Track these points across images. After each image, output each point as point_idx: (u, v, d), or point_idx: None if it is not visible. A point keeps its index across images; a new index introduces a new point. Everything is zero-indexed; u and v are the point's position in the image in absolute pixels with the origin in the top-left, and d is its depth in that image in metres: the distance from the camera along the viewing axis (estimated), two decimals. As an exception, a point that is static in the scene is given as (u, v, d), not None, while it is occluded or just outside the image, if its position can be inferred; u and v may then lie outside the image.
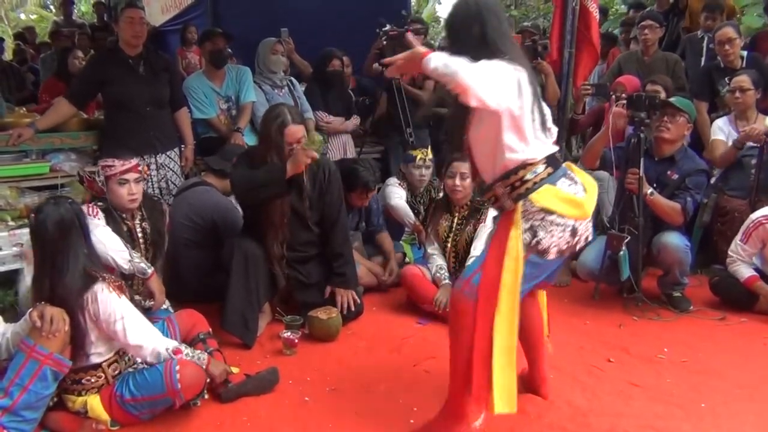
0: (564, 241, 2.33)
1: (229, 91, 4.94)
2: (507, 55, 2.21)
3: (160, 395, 2.56)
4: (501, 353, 2.29)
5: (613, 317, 3.82)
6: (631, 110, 3.83)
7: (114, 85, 4.12)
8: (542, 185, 2.29)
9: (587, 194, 2.38)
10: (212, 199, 3.94)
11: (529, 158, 2.29)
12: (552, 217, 2.29)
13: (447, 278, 3.87)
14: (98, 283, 2.51)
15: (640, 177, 3.72)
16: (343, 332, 3.54)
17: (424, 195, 4.73)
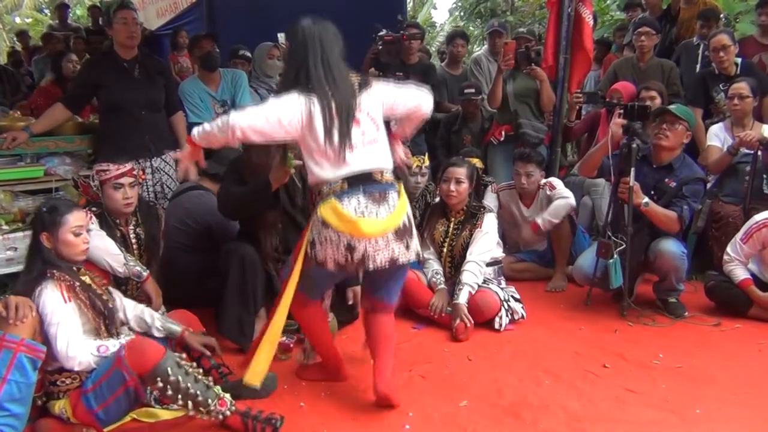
0: (340, 255, 2.59)
1: (225, 95, 4.94)
2: (311, 83, 2.56)
3: (109, 369, 2.47)
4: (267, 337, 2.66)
5: (608, 323, 3.82)
6: (625, 119, 3.84)
7: (109, 88, 4.11)
8: (329, 198, 2.57)
9: (385, 217, 2.62)
10: (207, 203, 3.93)
11: (324, 179, 2.60)
12: (327, 230, 2.57)
13: (443, 283, 3.87)
14: (47, 280, 2.50)
15: (630, 187, 3.72)
16: (338, 337, 3.52)
17: (419, 200, 4.72)
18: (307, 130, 2.58)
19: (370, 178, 2.65)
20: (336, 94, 2.58)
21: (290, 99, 2.56)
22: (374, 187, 2.65)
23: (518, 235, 4.88)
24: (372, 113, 2.69)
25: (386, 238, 2.64)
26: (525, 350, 3.49)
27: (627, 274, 3.78)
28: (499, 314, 3.75)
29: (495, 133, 5.40)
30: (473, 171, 3.96)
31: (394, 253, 2.65)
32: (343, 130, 2.57)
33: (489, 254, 3.84)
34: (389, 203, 2.66)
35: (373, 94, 2.72)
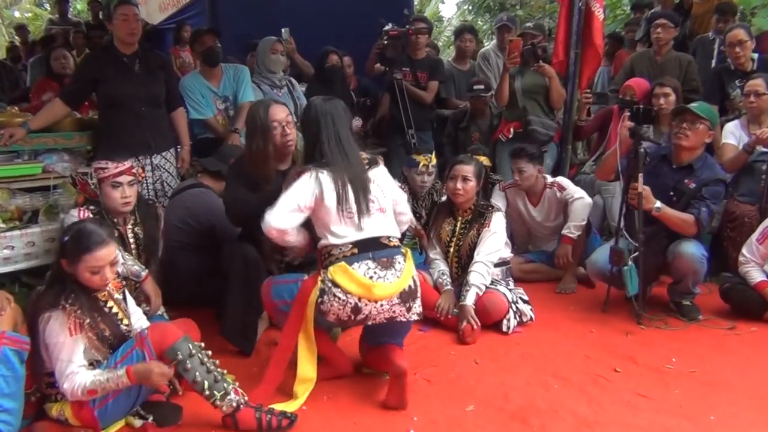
0: (344, 313, 2.79)
1: (227, 91, 4.93)
2: (326, 158, 2.87)
3: (129, 351, 2.57)
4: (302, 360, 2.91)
5: (619, 325, 3.80)
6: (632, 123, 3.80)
7: (108, 83, 4.10)
8: (339, 262, 2.79)
9: (393, 281, 2.82)
10: (209, 201, 3.92)
11: (336, 244, 2.82)
12: (336, 289, 2.76)
13: (449, 284, 3.85)
14: (57, 311, 2.51)
15: (639, 193, 3.68)
16: (342, 339, 3.52)
17: (426, 198, 4.71)
18: (320, 204, 2.83)
19: (379, 243, 2.88)
20: (349, 168, 2.87)
21: (302, 184, 2.84)
22: (382, 252, 2.86)
23: (527, 234, 4.86)
24: (381, 185, 2.98)
25: (391, 301, 2.83)
26: (533, 353, 3.47)
27: (642, 281, 3.74)
28: (507, 316, 3.73)
29: (503, 131, 5.39)
30: (481, 169, 3.94)
31: (395, 314, 2.87)
32: (359, 199, 2.85)
33: (497, 254, 3.83)
34: (396, 268, 2.86)
35: (382, 170, 3.05)
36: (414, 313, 2.93)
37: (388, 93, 5.85)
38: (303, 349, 2.90)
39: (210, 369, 2.60)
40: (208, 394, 2.58)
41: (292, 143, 3.36)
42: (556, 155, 5.35)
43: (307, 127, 3.00)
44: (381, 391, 3.00)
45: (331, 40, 5.83)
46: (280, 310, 3.00)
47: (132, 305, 2.87)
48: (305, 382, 2.92)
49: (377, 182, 2.98)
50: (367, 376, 3.19)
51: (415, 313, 2.94)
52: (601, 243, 4.65)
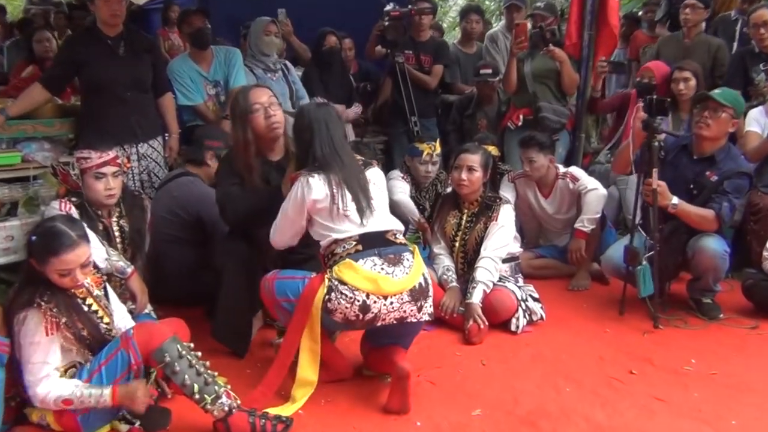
0: (352, 312, 2.80)
1: (218, 75, 4.91)
2: (318, 162, 2.96)
3: (113, 353, 2.57)
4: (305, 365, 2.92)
5: (635, 324, 3.80)
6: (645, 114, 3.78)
7: (91, 67, 4.09)
8: (343, 260, 2.82)
9: (402, 278, 2.85)
10: (197, 191, 3.91)
11: (337, 240, 2.89)
12: (343, 287, 2.79)
13: (454, 281, 3.85)
14: (33, 309, 2.50)
15: (654, 189, 3.67)
16: (340, 339, 3.52)
17: (429, 189, 4.71)
18: (314, 207, 2.92)
19: (384, 239, 2.93)
20: (343, 169, 2.96)
21: (293, 193, 2.96)
22: (388, 249, 2.90)
23: (537, 228, 4.85)
24: (378, 184, 3.10)
25: (401, 298, 2.84)
26: (544, 354, 3.47)
27: (657, 282, 3.74)
28: (516, 315, 3.73)
29: (512, 118, 5.37)
30: (488, 158, 3.93)
31: (405, 313, 2.88)
32: (358, 198, 2.93)
33: (505, 249, 3.82)
34: (404, 264, 2.89)
35: (377, 171, 3.16)
36: (425, 313, 2.94)
37: (389, 77, 5.84)
38: (306, 351, 2.90)
39: (200, 371, 2.59)
40: (198, 398, 2.57)
41: (279, 126, 3.32)
42: (568, 144, 5.33)
43: (299, 134, 3.07)
44: (382, 395, 3.00)
45: (329, 22, 5.81)
46: (283, 308, 3.00)
47: (115, 302, 2.86)
48: (305, 385, 2.92)
49: (374, 182, 3.07)
50: (368, 378, 3.20)
51: (427, 313, 2.95)
52: (616, 237, 4.64)
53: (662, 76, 4.88)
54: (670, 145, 3.93)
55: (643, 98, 3.90)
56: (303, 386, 2.91)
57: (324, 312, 2.84)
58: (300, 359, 2.91)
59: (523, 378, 3.20)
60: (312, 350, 2.90)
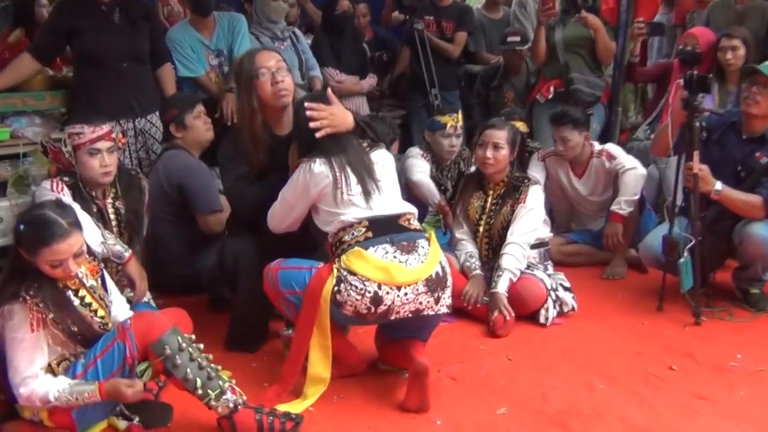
0: (363, 305, 2.80)
1: (221, 44, 4.90)
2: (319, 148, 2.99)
3: (108, 345, 2.59)
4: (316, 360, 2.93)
5: (676, 316, 3.79)
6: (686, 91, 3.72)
7: (84, 36, 4.09)
8: (353, 248, 2.84)
9: (417, 266, 2.86)
10: (178, 161, 3.87)
11: (345, 224, 2.92)
12: (353, 277, 2.79)
13: (478, 268, 3.85)
14: (17, 303, 2.51)
15: (695, 174, 3.64)
16: (353, 331, 3.52)
17: (452, 169, 4.69)
18: (318, 193, 2.96)
19: (396, 225, 2.95)
20: (345, 153, 3.00)
21: (294, 179, 3.02)
22: (401, 236, 2.92)
23: (569, 211, 4.83)
24: (386, 165, 3.12)
25: (416, 289, 2.84)
26: (575, 349, 3.47)
27: (699, 272, 3.71)
28: (545, 306, 3.73)
29: (542, 90, 5.34)
30: (515, 135, 3.91)
31: (421, 305, 2.88)
32: (363, 180, 2.96)
33: (534, 234, 3.82)
34: (419, 252, 2.90)
35: (385, 153, 3.18)
36: (443, 305, 2.95)
37: (407, 46, 5.81)
38: (316, 347, 2.92)
39: (202, 365, 2.60)
40: (201, 394, 2.59)
41: (287, 94, 3.26)
42: (603, 118, 5.30)
43: (301, 123, 3.07)
44: (399, 392, 3.01)
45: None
46: (289, 301, 3.01)
47: (113, 292, 2.88)
48: (317, 383, 2.93)
49: (382, 164, 3.09)
50: (383, 373, 3.21)
51: (445, 305, 2.95)
52: (656, 221, 4.61)
53: (707, 43, 4.82)
54: (715, 122, 3.89)
55: (684, 70, 3.85)
56: (315, 383, 2.93)
57: (333, 305, 2.84)
58: (310, 355, 2.92)
59: (552, 374, 3.20)
60: (322, 346, 2.91)
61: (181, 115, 3.93)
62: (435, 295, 2.89)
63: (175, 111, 3.97)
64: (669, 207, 3.94)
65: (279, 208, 3.10)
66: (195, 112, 3.96)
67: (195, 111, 3.96)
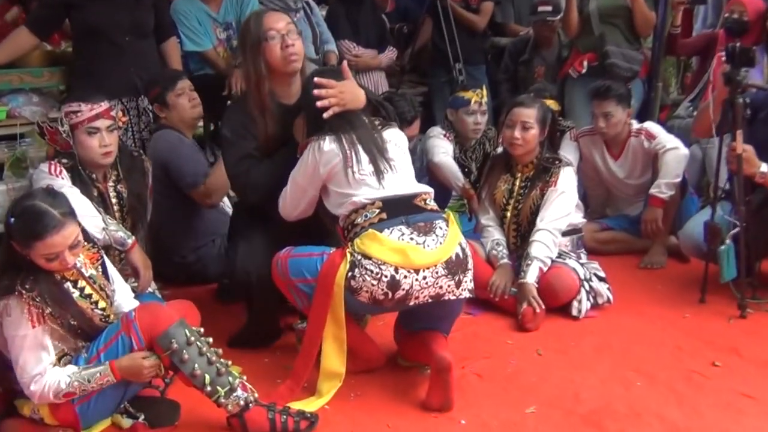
0: (380, 290, 2.81)
1: (229, 16, 4.91)
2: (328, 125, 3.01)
3: (113, 337, 2.61)
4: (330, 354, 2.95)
5: (720, 309, 3.77)
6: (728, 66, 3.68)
7: (84, 8, 4.11)
8: (367, 231, 2.86)
9: (436, 248, 2.86)
10: (162, 141, 3.95)
11: (357, 204, 2.94)
12: (368, 261, 2.80)
13: (506, 257, 3.84)
14: (13, 297, 2.53)
15: (739, 155, 3.60)
16: (372, 323, 3.54)
17: (476, 150, 4.68)
18: (329, 173, 2.99)
19: (412, 205, 2.97)
20: (356, 130, 3.03)
21: (304, 160, 3.04)
22: (418, 217, 2.93)
23: (605, 195, 4.80)
24: (399, 144, 3.15)
25: (435, 272, 2.84)
26: (611, 343, 3.46)
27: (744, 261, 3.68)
28: (577, 297, 3.72)
29: (575, 64, 5.30)
30: (546, 113, 3.89)
31: (441, 289, 2.88)
32: (375, 158, 2.98)
33: (566, 220, 3.80)
34: (437, 233, 2.90)
35: (397, 132, 3.20)
36: (465, 289, 2.95)
37: (429, 17, 5.79)
38: (330, 339, 2.92)
39: (212, 360, 2.62)
40: (210, 390, 2.61)
41: (297, 59, 3.22)
42: (642, 95, 5.27)
43: (309, 101, 3.07)
44: (421, 389, 3.02)
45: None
46: (300, 290, 3.01)
47: (116, 280, 2.90)
48: (332, 378, 2.94)
49: (395, 143, 3.12)
50: (404, 369, 3.22)
51: (467, 289, 2.95)
52: (699, 206, 4.58)
53: (756, 11, 4.76)
54: (762, 99, 3.84)
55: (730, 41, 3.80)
56: (329, 379, 2.94)
57: (348, 292, 2.84)
58: (324, 348, 2.93)
59: (585, 371, 3.20)
60: (337, 337, 2.92)
61: (163, 93, 3.97)
62: (456, 278, 2.89)
63: (156, 90, 4.01)
64: (712, 190, 3.90)
65: (290, 193, 3.11)
66: (177, 90, 3.99)
67: (177, 88, 3.99)
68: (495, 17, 6.03)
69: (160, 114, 4.02)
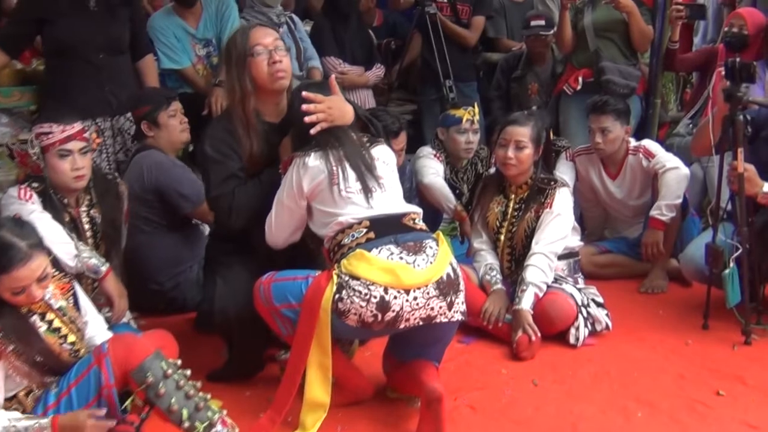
0: (368, 312, 2.78)
1: (208, 32, 4.93)
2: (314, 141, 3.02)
3: (84, 372, 2.58)
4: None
5: (723, 335, 3.77)
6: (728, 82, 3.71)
7: (56, 24, 4.13)
8: (354, 251, 2.84)
9: (426, 268, 2.86)
10: (149, 160, 3.93)
11: (344, 224, 2.93)
12: (356, 282, 2.79)
13: (499, 282, 3.84)
14: None
15: (740, 175, 3.62)
16: (359, 353, 3.53)
17: (468, 170, 4.69)
18: (313, 191, 3.01)
19: (401, 224, 2.97)
20: (343, 146, 3.04)
21: (288, 179, 3.05)
22: (407, 236, 2.93)
23: (602, 216, 4.82)
24: (388, 162, 3.16)
25: (426, 292, 2.83)
26: (610, 372, 3.46)
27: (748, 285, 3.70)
28: (575, 324, 3.72)
29: (570, 80, 5.33)
30: (540, 131, 3.90)
31: (432, 311, 2.86)
32: (363, 176, 3.00)
33: (562, 243, 3.81)
34: (427, 253, 2.90)
35: (386, 149, 3.22)
36: (457, 311, 2.93)
37: (418, 32, 5.81)
38: (314, 367, 2.90)
39: (189, 394, 2.59)
40: (188, 427, 2.58)
41: (285, 75, 3.21)
42: (640, 111, 5.29)
43: (296, 115, 3.08)
44: (410, 422, 3.01)
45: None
46: (284, 316, 2.99)
47: (88, 311, 2.88)
48: (316, 409, 2.92)
49: (383, 161, 3.13)
50: (393, 401, 3.20)
51: (459, 311, 2.94)
52: (700, 228, 4.59)
53: (757, 25, 4.80)
54: (764, 117, 3.87)
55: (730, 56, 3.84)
56: (313, 410, 2.91)
57: (335, 315, 2.82)
58: (308, 376, 2.90)
59: (584, 401, 3.19)
60: (322, 365, 2.90)
61: (154, 111, 3.97)
62: (447, 299, 2.88)
63: (147, 107, 4.00)
64: (713, 211, 3.92)
65: (276, 216, 3.10)
66: (170, 110, 4.00)
67: (171, 108, 4.00)
68: (486, 32, 6.05)
69: (147, 133, 4.00)
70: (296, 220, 3.09)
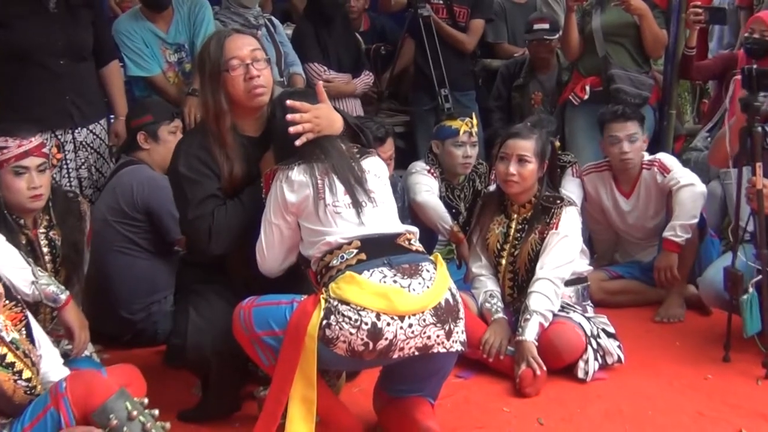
0: (359, 340, 2.77)
1: (180, 37, 4.93)
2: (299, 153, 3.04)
3: (40, 414, 2.53)
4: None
5: (746, 368, 3.78)
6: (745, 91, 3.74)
7: (11, 26, 4.12)
8: (344, 273, 2.86)
9: (422, 293, 2.85)
10: (140, 176, 3.94)
11: (332, 244, 2.94)
12: (345, 307, 2.79)
13: (501, 311, 3.84)
14: None
15: (759, 191, 3.64)
16: (347, 389, 3.52)
17: (465, 187, 4.70)
18: (298, 208, 3.01)
19: (394, 245, 2.99)
20: (330, 158, 3.05)
21: (272, 197, 3.06)
22: (401, 258, 2.94)
23: (613, 239, 4.83)
24: (380, 175, 3.19)
25: (423, 319, 2.82)
26: (622, 409, 3.45)
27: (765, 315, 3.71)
28: (583, 357, 3.72)
29: (576, 89, 5.35)
30: (545, 145, 3.91)
31: (429, 340, 2.85)
32: (352, 190, 3.01)
33: (569, 268, 3.82)
34: (424, 276, 2.91)
35: (377, 161, 3.25)
36: (456, 341, 2.92)
37: (411, 37, 5.84)
38: (297, 401, 2.87)
39: None
40: None
41: (264, 92, 3.18)
42: (653, 123, 5.31)
43: (279, 125, 3.10)
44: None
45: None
46: (266, 344, 2.96)
47: (43, 344, 2.86)
48: None
49: (375, 173, 3.15)
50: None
51: (458, 341, 2.93)
52: (721, 250, 4.60)
53: (780, 31, 4.84)
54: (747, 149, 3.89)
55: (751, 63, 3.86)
56: None
57: (322, 343, 2.80)
58: (289, 411, 2.86)
59: (594, 442, 3.19)
60: (306, 398, 2.87)
61: (155, 124, 3.99)
62: (446, 327, 2.87)
63: (149, 117, 4.02)
64: (733, 231, 3.93)
65: (266, 239, 3.08)
66: (172, 126, 4.06)
67: (173, 125, 4.06)
68: (486, 36, 6.08)
69: (143, 145, 4.02)
70: (288, 239, 3.07)
